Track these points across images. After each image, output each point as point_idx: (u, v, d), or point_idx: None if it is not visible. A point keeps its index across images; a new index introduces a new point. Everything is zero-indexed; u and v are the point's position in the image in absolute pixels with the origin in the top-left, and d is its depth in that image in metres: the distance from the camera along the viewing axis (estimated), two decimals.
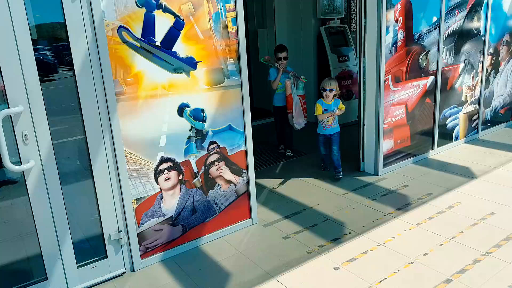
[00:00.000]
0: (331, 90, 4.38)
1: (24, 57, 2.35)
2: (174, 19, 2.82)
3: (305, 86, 5.02)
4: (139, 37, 2.70)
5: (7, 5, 2.25)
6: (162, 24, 2.78)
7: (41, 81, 2.46)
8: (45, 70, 2.51)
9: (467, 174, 4.48)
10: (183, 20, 2.86)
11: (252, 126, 3.46)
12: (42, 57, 2.47)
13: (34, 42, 2.39)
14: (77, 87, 2.57)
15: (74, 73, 2.54)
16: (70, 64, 2.53)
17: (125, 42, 2.66)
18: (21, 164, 2.46)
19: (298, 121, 4.89)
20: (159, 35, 2.77)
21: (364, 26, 4.33)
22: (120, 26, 2.62)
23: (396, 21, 4.32)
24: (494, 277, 2.73)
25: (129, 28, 2.65)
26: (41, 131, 2.49)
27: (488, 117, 5.91)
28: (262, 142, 5.85)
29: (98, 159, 2.73)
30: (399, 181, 4.39)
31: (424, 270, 2.85)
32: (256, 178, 3.58)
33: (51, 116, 2.54)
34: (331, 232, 3.41)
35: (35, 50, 2.41)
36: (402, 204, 3.85)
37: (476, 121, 5.70)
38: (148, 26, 2.71)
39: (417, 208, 3.76)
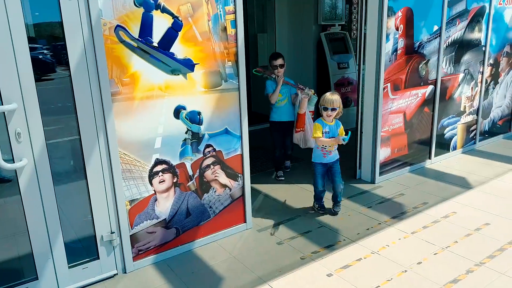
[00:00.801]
0: (333, 110, 3.58)
1: (20, 55, 2.34)
2: (173, 20, 2.81)
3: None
4: (137, 37, 2.69)
5: (3, 3, 2.24)
6: (160, 24, 2.77)
7: (39, 80, 2.45)
8: (43, 69, 2.50)
9: (463, 184, 4.47)
10: (181, 21, 2.85)
11: (249, 131, 3.44)
12: (40, 56, 2.46)
13: (32, 40, 2.38)
14: (72, 86, 2.55)
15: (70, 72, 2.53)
16: (68, 64, 2.52)
17: (122, 41, 2.64)
18: (14, 162, 2.44)
19: (311, 139, 4.30)
20: (156, 36, 2.76)
21: (365, 33, 4.33)
22: (118, 26, 2.61)
23: (397, 28, 4.33)
24: None
25: (127, 28, 2.64)
26: (35, 129, 2.47)
27: (486, 128, 5.91)
28: (258, 147, 5.84)
29: (92, 159, 2.71)
30: (395, 189, 4.38)
31: (417, 278, 2.83)
32: (251, 183, 3.56)
33: (48, 116, 2.53)
34: (325, 238, 3.39)
35: (33, 49, 2.39)
36: (397, 212, 3.83)
37: (474, 131, 5.70)
38: (146, 26, 2.70)
39: (412, 217, 3.74)
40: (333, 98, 3.56)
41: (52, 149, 2.59)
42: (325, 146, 3.61)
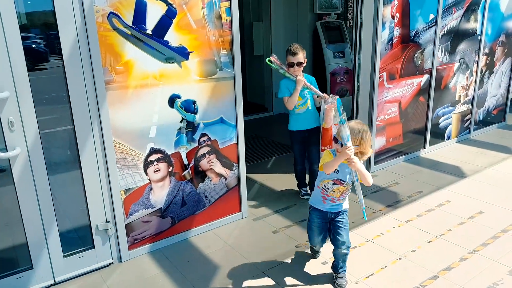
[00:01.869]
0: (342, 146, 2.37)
1: (11, 43, 2.30)
2: (167, 7, 2.77)
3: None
4: (130, 24, 2.65)
5: None
6: (154, 12, 2.73)
7: (32, 69, 2.42)
8: (37, 58, 2.48)
9: (457, 173, 4.49)
10: (175, 9, 2.81)
11: (245, 121, 3.43)
12: (33, 45, 2.44)
13: (25, 29, 2.35)
14: (66, 75, 2.53)
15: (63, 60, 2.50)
16: (61, 53, 2.49)
17: (116, 29, 2.61)
18: (7, 151, 2.42)
19: None
20: (150, 23, 2.73)
21: (360, 22, 4.30)
22: (111, 13, 2.57)
23: (393, 17, 4.30)
24: (480, 275, 2.74)
25: (120, 15, 2.60)
26: (28, 118, 2.45)
27: (481, 117, 5.93)
28: (254, 137, 5.84)
29: (86, 149, 2.69)
30: (390, 178, 4.39)
31: (412, 266, 2.85)
32: (247, 172, 3.56)
33: (42, 106, 2.51)
34: None
35: (27, 38, 2.37)
36: (392, 201, 3.85)
37: (469, 121, 5.72)
38: (140, 13, 2.66)
39: (406, 205, 3.76)
40: (350, 128, 2.34)
41: (47, 138, 2.57)
42: (328, 187, 2.55)
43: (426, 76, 4.86)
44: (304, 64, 3.53)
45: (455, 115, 5.46)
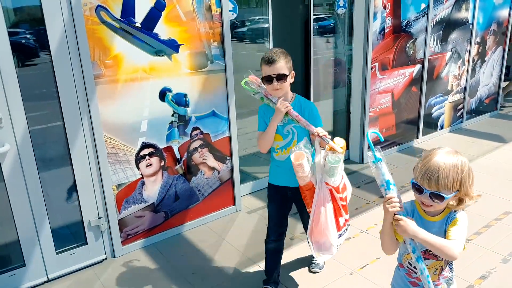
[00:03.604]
0: (436, 196, 1.48)
1: None
2: None
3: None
4: (119, 17, 2.61)
5: None
6: (143, 4, 2.69)
7: (22, 65, 2.40)
8: (25, 54, 2.45)
9: None
10: (164, 1, 2.77)
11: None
12: (22, 41, 2.41)
13: (12, 25, 2.32)
14: (54, 70, 2.49)
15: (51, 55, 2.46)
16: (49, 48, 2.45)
17: (104, 22, 2.57)
18: None
19: (325, 244, 2.14)
20: (139, 16, 2.69)
21: (352, 13, 4.28)
22: (98, 6, 2.53)
23: (384, 7, 4.28)
24: (474, 263, 2.76)
25: (108, 8, 2.56)
26: (17, 114, 2.41)
27: (473, 106, 5.95)
28: None
29: (76, 144, 2.66)
30: None
31: None
32: (240, 165, 3.54)
33: (32, 101, 2.47)
34: None
35: (16, 33, 2.34)
36: None
37: (461, 110, 5.74)
38: (128, 6, 2.62)
39: (400, 195, 3.76)
40: (438, 165, 1.49)
41: (38, 135, 2.54)
42: (415, 266, 1.62)
43: (418, 66, 4.86)
44: (291, 79, 2.16)
45: (447, 104, 5.48)
